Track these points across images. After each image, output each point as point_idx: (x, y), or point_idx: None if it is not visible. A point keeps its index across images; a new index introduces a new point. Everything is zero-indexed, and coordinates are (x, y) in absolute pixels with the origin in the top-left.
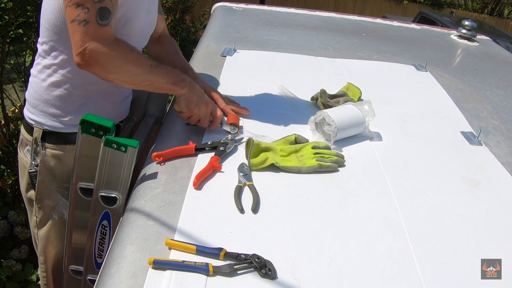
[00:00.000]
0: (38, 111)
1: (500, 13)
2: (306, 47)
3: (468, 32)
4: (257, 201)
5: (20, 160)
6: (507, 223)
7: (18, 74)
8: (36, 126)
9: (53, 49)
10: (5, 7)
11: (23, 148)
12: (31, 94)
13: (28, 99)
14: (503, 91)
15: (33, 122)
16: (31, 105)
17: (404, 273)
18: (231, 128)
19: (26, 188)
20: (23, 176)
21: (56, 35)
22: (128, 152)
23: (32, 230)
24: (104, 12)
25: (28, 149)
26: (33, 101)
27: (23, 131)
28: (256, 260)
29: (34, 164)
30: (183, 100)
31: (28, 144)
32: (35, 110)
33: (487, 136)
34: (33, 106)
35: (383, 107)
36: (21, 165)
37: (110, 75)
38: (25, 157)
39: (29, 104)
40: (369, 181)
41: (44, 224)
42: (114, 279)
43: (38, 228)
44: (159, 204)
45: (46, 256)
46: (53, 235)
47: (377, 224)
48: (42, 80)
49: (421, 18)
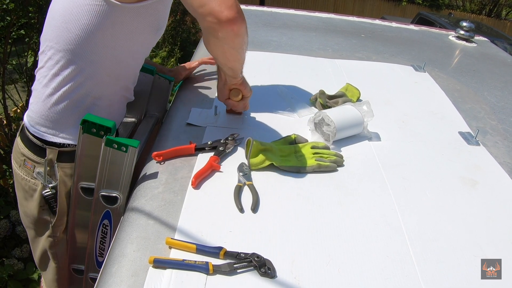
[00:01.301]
0: (59, 125)
1: (497, 14)
2: (306, 48)
3: (466, 33)
4: (257, 200)
5: (24, 182)
6: (505, 222)
7: (20, 75)
8: (50, 146)
9: (72, 63)
10: (7, 8)
11: (30, 170)
12: (43, 114)
13: (42, 112)
14: (500, 91)
15: (51, 137)
16: (48, 119)
17: (402, 272)
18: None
19: (38, 211)
20: (29, 198)
21: (79, 48)
22: (129, 152)
23: (42, 249)
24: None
25: (39, 172)
26: (51, 115)
27: (25, 151)
28: (255, 259)
29: (51, 187)
30: (246, 84)
31: (37, 166)
32: (54, 131)
33: (484, 136)
34: (52, 120)
35: (381, 107)
36: (26, 187)
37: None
38: (32, 179)
39: (45, 118)
40: (368, 181)
41: (62, 243)
42: (115, 277)
43: (54, 247)
44: (159, 204)
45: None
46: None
47: (375, 224)
48: (70, 91)
49: (420, 19)
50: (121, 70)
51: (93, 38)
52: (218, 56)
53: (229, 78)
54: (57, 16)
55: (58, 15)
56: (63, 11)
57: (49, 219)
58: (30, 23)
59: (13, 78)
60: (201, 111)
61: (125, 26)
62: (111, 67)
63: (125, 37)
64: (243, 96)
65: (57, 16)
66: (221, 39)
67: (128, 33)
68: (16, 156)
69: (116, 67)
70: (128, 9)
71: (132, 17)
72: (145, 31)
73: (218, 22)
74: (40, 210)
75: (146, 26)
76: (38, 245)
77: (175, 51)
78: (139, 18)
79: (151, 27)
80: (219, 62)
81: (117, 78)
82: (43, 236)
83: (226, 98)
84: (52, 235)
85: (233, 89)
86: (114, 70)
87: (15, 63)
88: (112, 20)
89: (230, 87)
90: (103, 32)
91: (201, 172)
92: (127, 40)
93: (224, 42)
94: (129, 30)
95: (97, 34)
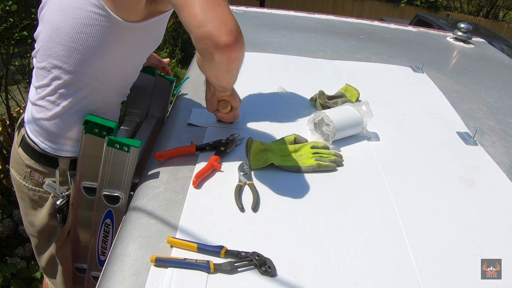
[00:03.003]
0: (65, 139)
1: (495, 15)
2: (305, 49)
3: (463, 34)
4: (257, 200)
5: (32, 193)
6: (502, 221)
7: (23, 76)
8: (62, 157)
9: (81, 83)
10: (10, 10)
11: (35, 181)
12: (55, 123)
13: (47, 127)
14: (498, 92)
15: (59, 152)
16: (52, 134)
17: (401, 270)
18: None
19: (49, 218)
20: (38, 208)
21: (89, 68)
22: (131, 152)
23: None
24: None
25: (49, 183)
26: (55, 130)
27: (33, 164)
28: (256, 257)
29: (64, 196)
30: (236, 94)
31: (46, 176)
32: (58, 138)
33: (482, 136)
34: (56, 135)
35: (380, 107)
36: (36, 198)
37: (239, 62)
38: (41, 189)
39: (49, 133)
40: (367, 180)
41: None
42: (117, 276)
43: (61, 250)
44: (161, 203)
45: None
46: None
47: (374, 223)
48: (72, 105)
49: (418, 20)
50: (124, 82)
51: (104, 58)
52: (210, 77)
53: (218, 92)
54: (62, 33)
55: (62, 32)
56: (68, 29)
57: (58, 225)
58: (32, 25)
59: (16, 79)
60: (202, 112)
61: (134, 43)
62: (116, 80)
63: (133, 53)
64: (232, 108)
65: (61, 33)
66: (216, 64)
67: (135, 49)
68: (18, 168)
69: (120, 80)
70: (138, 27)
71: (141, 34)
72: (150, 45)
73: (215, 46)
74: (50, 218)
75: (151, 40)
76: (45, 251)
77: (176, 52)
78: (147, 34)
79: (155, 40)
80: (210, 81)
81: (120, 88)
82: (51, 241)
83: (214, 110)
84: (61, 238)
85: (222, 100)
86: (119, 83)
87: (18, 64)
88: (123, 39)
89: (219, 99)
90: (113, 52)
91: (202, 172)
92: (134, 55)
93: (219, 67)
94: (137, 46)
95: (108, 54)
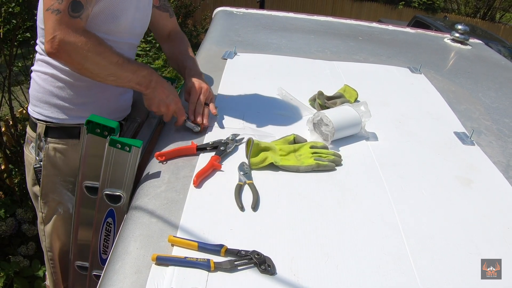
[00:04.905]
0: (41, 103)
1: (492, 17)
2: (304, 50)
3: (461, 35)
4: (257, 199)
5: (26, 157)
6: (499, 220)
7: (26, 77)
8: (39, 121)
9: None
10: (13, 12)
11: (28, 146)
12: (34, 88)
13: (32, 93)
14: (494, 93)
15: (37, 115)
16: (34, 98)
17: (399, 269)
18: (193, 127)
19: (32, 184)
20: (28, 172)
21: None
22: (132, 151)
23: (38, 227)
24: (77, 5)
25: (33, 146)
26: (36, 94)
27: (28, 129)
28: (256, 256)
29: (39, 160)
30: (146, 99)
31: (33, 140)
32: (38, 102)
33: (479, 136)
34: (36, 99)
35: (379, 108)
36: (27, 163)
37: (76, 65)
38: (30, 154)
39: (33, 98)
40: (365, 179)
41: (50, 219)
42: (119, 274)
43: (44, 224)
44: (162, 202)
45: (54, 252)
46: (60, 230)
47: (373, 222)
48: (43, 73)
49: (416, 22)
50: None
51: None
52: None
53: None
54: (39, 20)
55: (39, 19)
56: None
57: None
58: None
59: (19, 80)
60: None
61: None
62: None
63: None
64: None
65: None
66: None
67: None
68: (26, 135)
69: None
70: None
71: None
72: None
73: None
74: (34, 183)
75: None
76: (37, 223)
77: None
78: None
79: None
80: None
81: None
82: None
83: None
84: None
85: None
86: None
87: (20, 65)
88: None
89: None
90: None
91: (202, 172)
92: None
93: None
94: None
95: None
